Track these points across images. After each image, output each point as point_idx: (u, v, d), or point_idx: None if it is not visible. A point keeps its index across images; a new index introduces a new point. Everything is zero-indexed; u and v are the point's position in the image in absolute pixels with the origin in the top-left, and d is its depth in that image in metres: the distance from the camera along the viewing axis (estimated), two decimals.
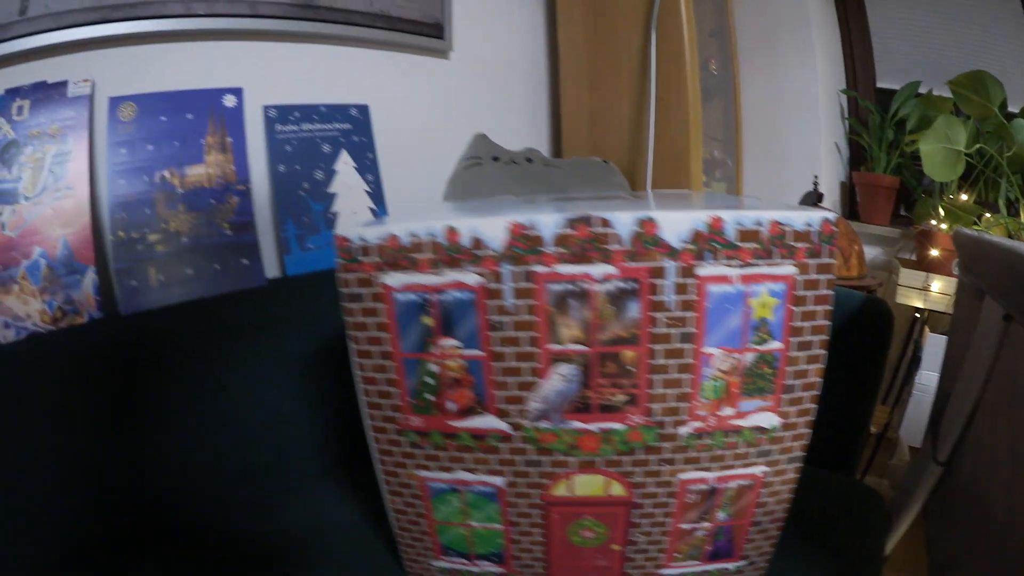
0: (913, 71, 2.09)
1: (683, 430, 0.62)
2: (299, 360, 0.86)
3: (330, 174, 0.97)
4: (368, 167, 0.97)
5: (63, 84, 0.91)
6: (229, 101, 0.93)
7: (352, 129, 0.96)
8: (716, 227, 0.57)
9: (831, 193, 2.11)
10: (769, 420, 0.64)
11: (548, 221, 0.52)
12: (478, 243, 0.51)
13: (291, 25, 0.97)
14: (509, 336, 0.53)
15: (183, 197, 0.90)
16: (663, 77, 1.19)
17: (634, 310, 0.56)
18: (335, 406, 0.88)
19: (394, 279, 0.53)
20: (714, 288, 0.57)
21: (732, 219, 0.55)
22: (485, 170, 1.21)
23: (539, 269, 0.52)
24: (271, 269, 0.97)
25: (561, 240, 0.52)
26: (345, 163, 0.94)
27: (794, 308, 0.59)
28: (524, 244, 0.52)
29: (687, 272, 0.56)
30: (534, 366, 0.54)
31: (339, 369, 0.88)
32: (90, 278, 0.86)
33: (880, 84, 2.21)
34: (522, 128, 1.49)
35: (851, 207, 2.19)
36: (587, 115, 1.40)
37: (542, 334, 0.53)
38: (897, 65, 2.16)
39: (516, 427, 0.57)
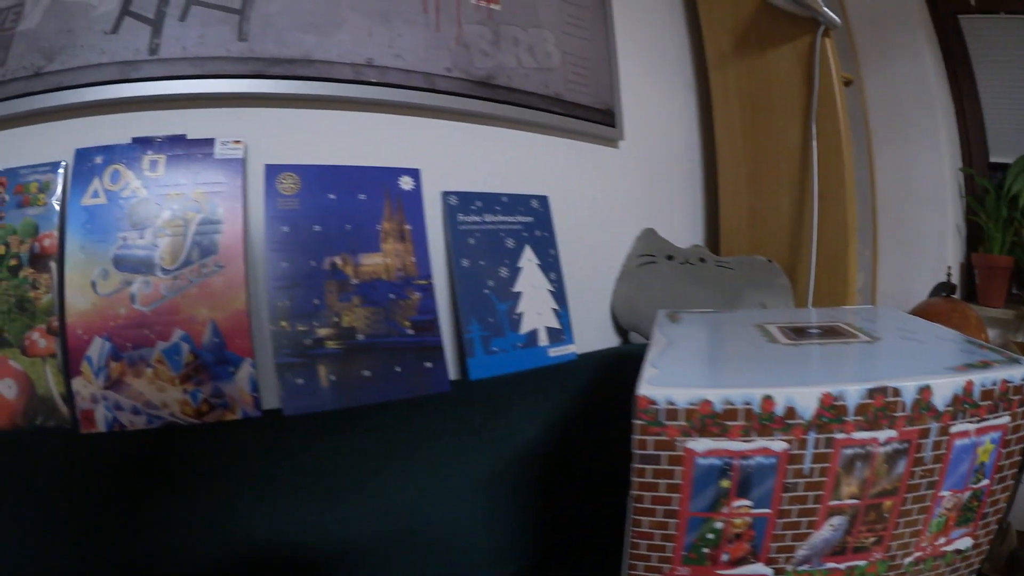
0: None
1: (907, 560, 0.69)
2: (482, 474, 0.80)
3: (515, 271, 0.92)
4: (551, 264, 0.93)
5: (208, 142, 0.83)
6: (406, 183, 0.87)
7: (534, 222, 0.92)
8: (968, 390, 0.63)
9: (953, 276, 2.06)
10: (965, 543, 0.73)
11: (853, 392, 0.56)
12: (791, 412, 0.54)
13: (469, 104, 0.93)
14: (798, 495, 0.57)
15: (358, 288, 0.83)
16: (822, 172, 1.20)
17: (901, 466, 0.62)
18: (514, 523, 0.82)
19: (699, 444, 0.55)
20: (958, 442, 0.64)
21: (979, 381, 0.62)
22: (660, 269, 1.18)
23: (839, 436, 0.56)
24: (451, 371, 0.91)
25: (860, 409, 0.57)
26: (529, 260, 0.90)
27: (1003, 451, 0.67)
28: (831, 414, 0.55)
29: (944, 431, 0.62)
30: (812, 520, 0.58)
31: (520, 484, 0.84)
32: (246, 371, 0.78)
33: (993, 159, 2.16)
34: (684, 222, 1.45)
35: (970, 289, 2.12)
36: (746, 210, 1.40)
37: (827, 492, 0.57)
38: (1008, 138, 2.12)
39: (779, 572, 0.61)
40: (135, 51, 0.88)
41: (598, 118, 1.06)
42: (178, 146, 0.83)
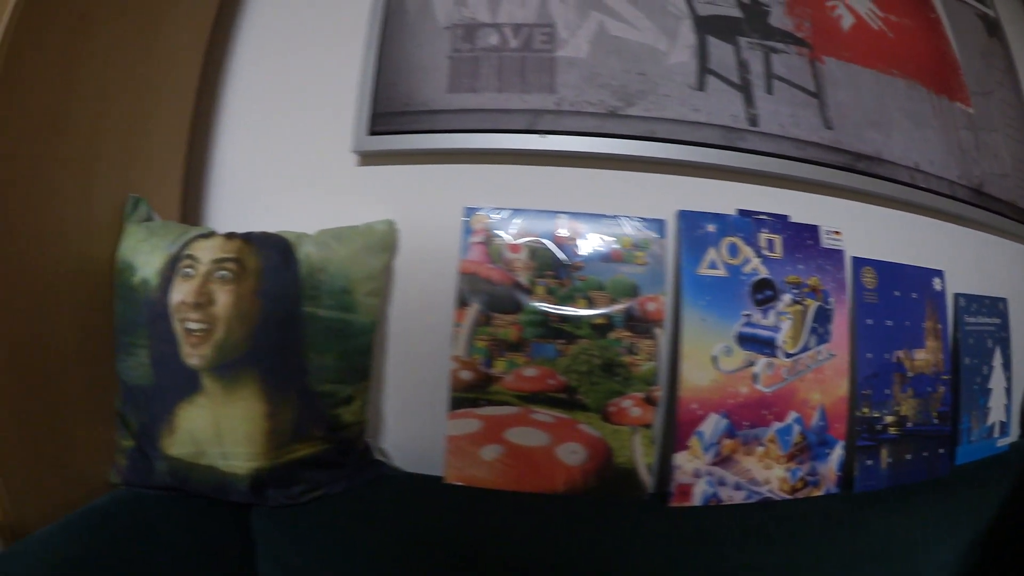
0: None
1: None
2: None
3: (989, 370, 1.03)
4: (1006, 364, 1.06)
5: (811, 229, 0.87)
6: (936, 284, 0.97)
7: (1000, 324, 1.06)
8: None
9: None
10: None
11: None
12: None
13: (975, 212, 1.01)
14: None
15: (912, 381, 0.92)
16: None
17: None
18: None
19: None
20: None
21: None
22: None
23: None
24: None
25: None
26: (997, 360, 1.05)
27: None
28: None
29: None
30: None
31: None
32: (837, 452, 0.84)
33: None
34: None
35: None
36: None
37: None
38: None
39: None
40: (733, 117, 0.87)
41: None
42: (788, 228, 0.86)
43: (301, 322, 0.76)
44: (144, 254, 0.79)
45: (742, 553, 0.82)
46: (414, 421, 0.83)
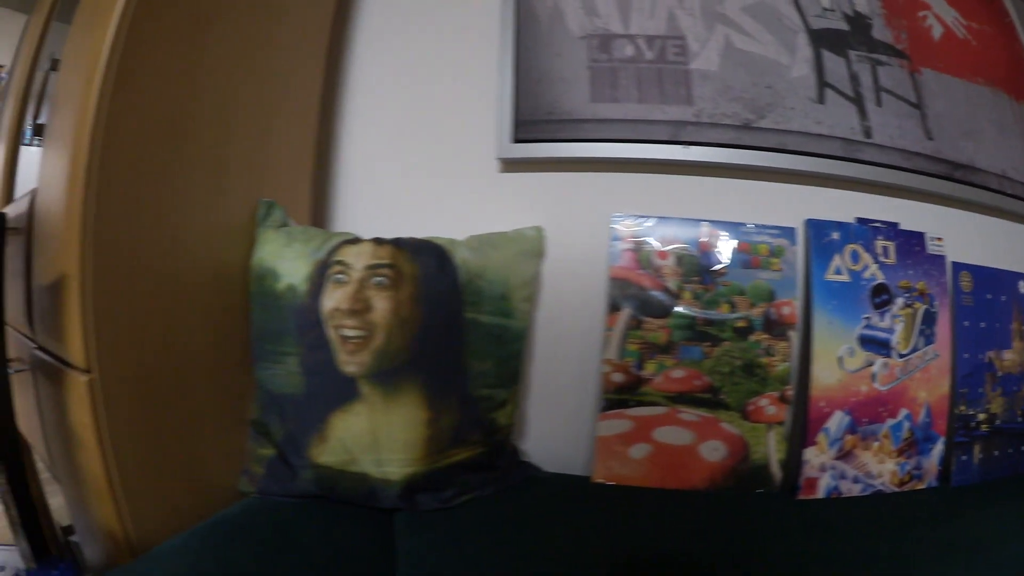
0: None
1: None
2: None
3: None
4: None
5: (917, 236, 0.93)
6: (1023, 287, 1.05)
7: None
8: None
9: None
10: None
11: None
12: None
13: None
14: None
15: (1001, 380, 0.99)
16: None
17: None
18: None
19: None
20: None
21: None
22: None
23: None
24: None
25: None
26: None
27: None
28: None
29: None
30: None
31: None
32: (939, 448, 0.91)
33: None
34: None
35: None
36: None
37: None
38: None
39: None
40: (850, 129, 0.92)
41: None
42: (899, 236, 0.91)
43: (462, 328, 0.77)
44: (288, 260, 0.78)
45: (860, 544, 0.88)
46: (558, 423, 0.85)
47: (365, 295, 0.74)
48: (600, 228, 0.83)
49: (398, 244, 0.78)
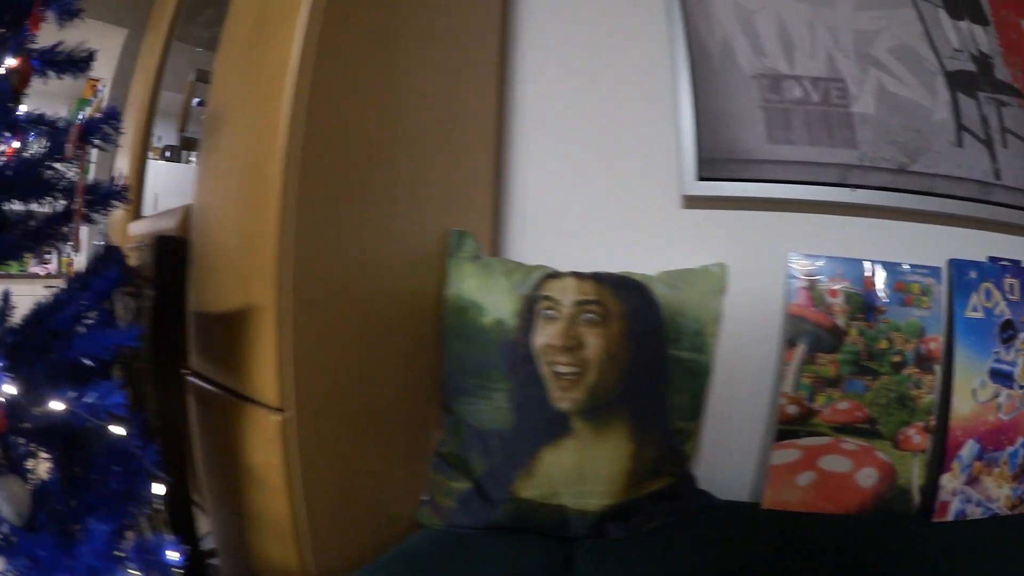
0: None
1: None
2: None
3: None
4: None
5: None
6: None
7: None
8: None
9: None
10: None
11: None
12: None
13: None
14: None
15: None
16: None
17: None
18: None
19: None
20: None
21: None
22: None
23: None
24: None
25: None
26: None
27: None
28: None
29: None
30: None
31: None
32: None
33: None
34: None
35: None
36: None
37: None
38: None
39: None
40: (983, 172, 0.98)
41: None
42: (1020, 272, 0.99)
43: (666, 364, 0.79)
44: (493, 294, 0.78)
45: (982, 564, 0.96)
46: (728, 452, 0.89)
47: (577, 331, 0.75)
48: (775, 265, 0.87)
49: (598, 279, 0.79)
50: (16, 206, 0.81)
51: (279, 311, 0.62)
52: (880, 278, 0.92)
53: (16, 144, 0.78)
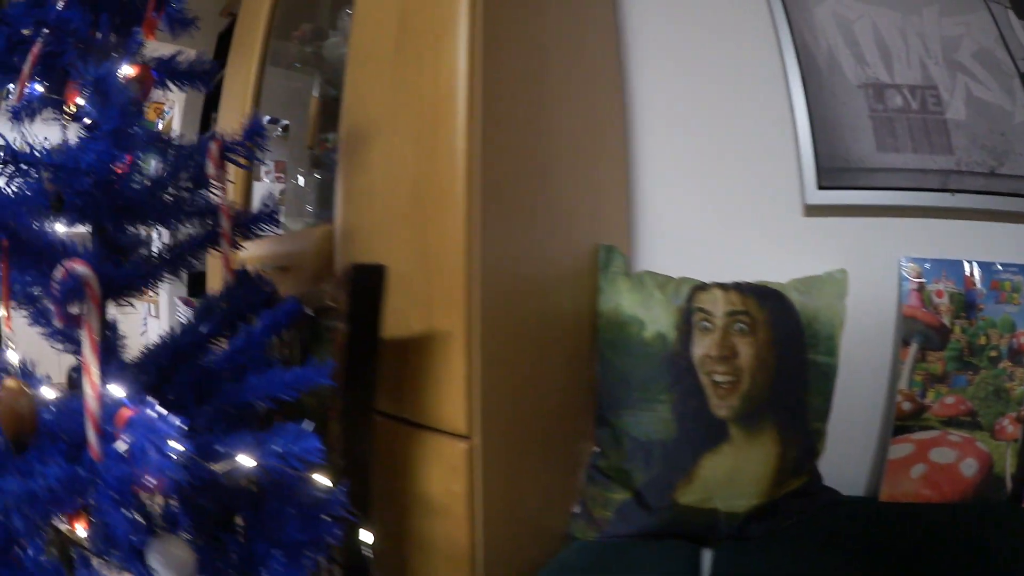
0: None
1: None
2: None
3: None
4: None
5: None
6: None
7: None
8: None
9: None
10: None
11: None
12: None
13: None
14: None
15: None
16: None
17: None
18: None
19: None
20: None
21: None
22: None
23: None
24: None
25: None
26: None
27: None
28: None
29: None
30: None
31: None
32: None
33: None
34: None
35: None
36: None
37: None
38: None
39: None
40: None
41: None
42: None
43: (806, 368, 0.82)
44: (653, 308, 0.80)
45: None
46: (847, 447, 0.93)
47: (731, 341, 0.78)
48: (887, 269, 0.91)
49: (741, 289, 0.82)
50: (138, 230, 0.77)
51: (468, 335, 0.61)
52: (978, 277, 0.98)
53: (153, 163, 0.75)
